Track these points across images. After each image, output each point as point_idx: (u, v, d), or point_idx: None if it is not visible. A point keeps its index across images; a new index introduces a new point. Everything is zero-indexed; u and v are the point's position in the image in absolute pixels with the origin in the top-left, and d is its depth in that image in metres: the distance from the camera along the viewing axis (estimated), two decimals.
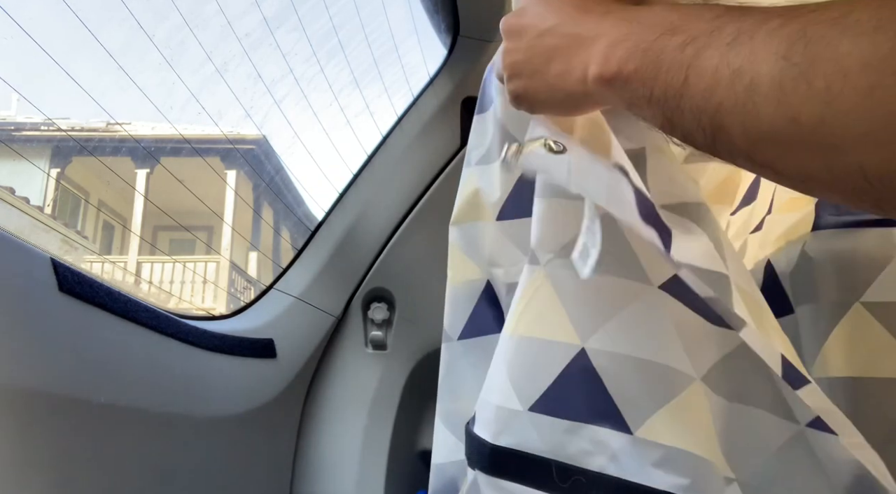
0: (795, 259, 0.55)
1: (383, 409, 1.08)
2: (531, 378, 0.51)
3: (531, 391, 0.50)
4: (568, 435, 0.48)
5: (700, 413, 0.46)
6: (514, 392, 0.51)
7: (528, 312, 0.52)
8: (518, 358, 0.52)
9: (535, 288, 0.52)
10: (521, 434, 0.50)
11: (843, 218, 0.52)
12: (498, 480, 0.51)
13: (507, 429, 0.51)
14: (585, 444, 0.48)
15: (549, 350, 0.50)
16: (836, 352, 0.50)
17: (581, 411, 0.48)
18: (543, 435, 0.49)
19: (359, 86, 1.29)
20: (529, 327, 0.52)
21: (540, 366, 0.50)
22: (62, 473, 0.56)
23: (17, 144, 3.20)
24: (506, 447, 0.51)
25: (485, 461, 0.52)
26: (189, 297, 4.88)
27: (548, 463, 0.49)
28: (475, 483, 0.53)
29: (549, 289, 0.51)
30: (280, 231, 4.51)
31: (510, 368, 0.52)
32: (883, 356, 0.48)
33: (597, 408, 0.48)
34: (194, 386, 0.78)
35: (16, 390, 0.52)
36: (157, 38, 1.34)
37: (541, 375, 0.50)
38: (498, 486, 0.51)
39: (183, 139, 3.16)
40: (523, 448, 0.50)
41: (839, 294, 0.51)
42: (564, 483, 0.48)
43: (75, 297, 0.59)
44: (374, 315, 1.10)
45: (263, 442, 0.94)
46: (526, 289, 0.53)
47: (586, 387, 0.48)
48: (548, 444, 0.49)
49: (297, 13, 1.16)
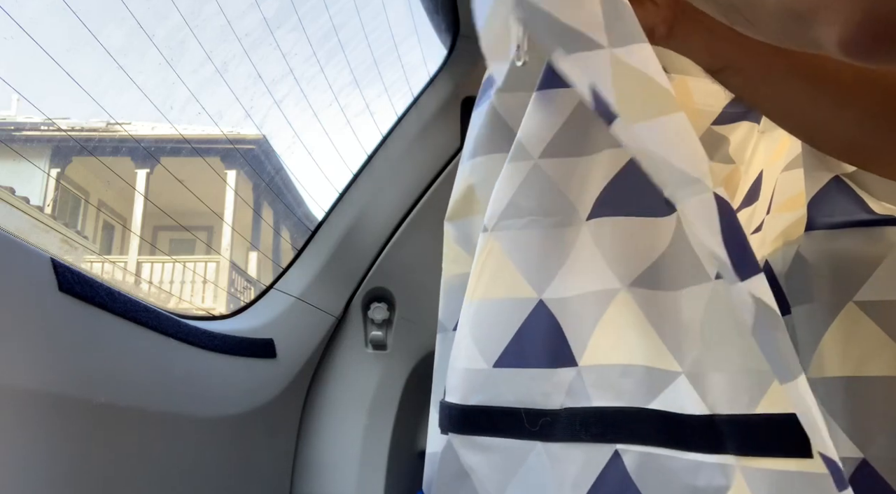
0: (791, 259, 0.55)
1: (383, 409, 1.08)
2: (493, 336, 0.53)
3: (494, 348, 0.53)
4: (532, 382, 0.51)
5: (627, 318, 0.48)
6: (478, 352, 0.53)
7: (483, 276, 0.55)
8: (479, 320, 0.54)
9: (486, 252, 0.55)
10: (489, 390, 0.53)
11: (835, 218, 0.53)
12: (471, 437, 0.53)
13: (475, 389, 0.53)
14: (547, 387, 0.51)
15: (507, 307, 0.53)
16: (831, 352, 0.50)
17: (542, 358, 0.51)
18: (510, 387, 0.52)
19: (359, 87, 1.29)
20: (486, 290, 0.55)
21: (500, 324, 0.53)
22: (62, 473, 0.56)
23: (17, 144, 3.20)
24: (476, 405, 0.53)
25: (456, 422, 0.54)
26: (189, 297, 4.88)
27: (517, 412, 0.51)
28: (449, 447, 0.55)
29: (499, 251, 0.54)
30: (280, 231, 4.52)
31: (472, 331, 0.54)
32: (877, 354, 0.49)
33: (555, 352, 0.51)
34: (194, 386, 0.78)
35: (16, 390, 0.52)
36: (157, 38, 1.34)
37: (502, 332, 0.53)
38: (472, 443, 0.53)
39: (183, 139, 3.16)
40: (493, 403, 0.52)
41: (833, 294, 0.51)
42: (534, 426, 0.50)
43: (75, 297, 0.59)
44: (374, 315, 1.10)
45: (263, 442, 0.94)
46: (479, 255, 0.55)
47: (547, 335, 0.51)
48: (515, 394, 0.52)
49: (297, 13, 1.17)
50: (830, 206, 0.53)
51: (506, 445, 0.51)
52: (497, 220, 0.54)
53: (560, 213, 0.53)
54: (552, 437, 0.50)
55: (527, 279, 0.53)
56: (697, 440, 0.42)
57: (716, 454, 0.41)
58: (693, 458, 0.42)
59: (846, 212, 0.52)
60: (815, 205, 0.54)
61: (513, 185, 0.54)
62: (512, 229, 0.54)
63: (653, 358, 0.46)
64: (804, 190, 0.57)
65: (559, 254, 0.53)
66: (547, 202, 0.53)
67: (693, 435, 0.43)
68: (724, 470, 0.41)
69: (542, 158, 0.53)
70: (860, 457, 0.47)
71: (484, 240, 0.55)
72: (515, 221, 0.54)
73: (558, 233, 0.53)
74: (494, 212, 0.55)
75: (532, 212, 0.53)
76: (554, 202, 0.53)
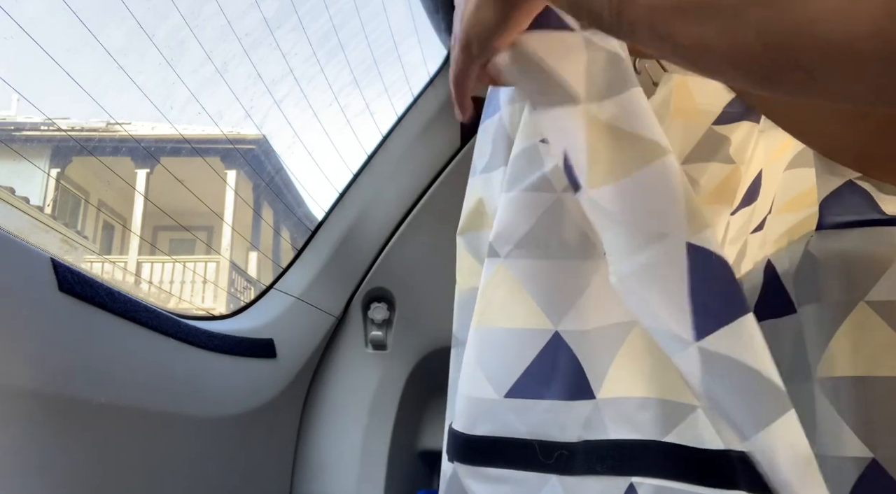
0: (798, 258, 0.55)
1: (383, 409, 1.08)
2: (504, 365, 0.52)
3: (505, 377, 0.52)
4: (548, 414, 0.50)
5: (643, 351, 0.48)
6: (486, 380, 0.53)
7: (493, 303, 0.54)
8: (488, 348, 0.54)
9: (498, 279, 0.54)
10: (498, 420, 0.52)
11: (847, 217, 0.53)
12: (478, 468, 0.52)
13: (482, 418, 0.52)
14: (564, 419, 0.50)
15: (520, 337, 0.52)
16: (841, 352, 0.50)
17: (559, 390, 0.50)
18: (523, 419, 0.51)
19: (359, 86, 1.29)
20: (497, 317, 0.54)
21: (512, 354, 0.52)
22: (62, 473, 0.56)
23: (17, 144, 3.20)
24: (483, 435, 0.52)
25: (461, 451, 0.54)
26: (189, 297, 4.88)
27: (531, 444, 0.50)
28: (455, 476, 0.54)
29: (513, 280, 0.53)
30: (280, 231, 4.52)
31: (479, 358, 0.54)
32: (888, 355, 0.48)
33: (573, 385, 0.50)
34: (194, 386, 0.78)
35: (16, 390, 0.52)
36: (157, 38, 1.34)
37: (514, 362, 0.52)
38: (478, 474, 0.52)
39: (183, 139, 3.16)
40: (502, 434, 0.51)
41: (843, 293, 0.51)
42: (549, 459, 0.50)
43: (75, 297, 0.58)
44: (374, 315, 1.10)
45: (263, 442, 0.94)
46: (488, 281, 0.55)
47: (564, 368, 0.51)
48: (528, 426, 0.51)
49: (297, 13, 1.16)
50: (841, 206, 0.53)
51: (517, 477, 0.50)
52: (512, 248, 0.54)
53: (579, 248, 0.52)
54: (568, 470, 0.49)
55: (542, 309, 0.52)
56: (713, 474, 0.42)
57: (729, 490, 0.41)
58: (708, 493, 0.42)
59: (857, 212, 0.52)
60: (826, 204, 0.54)
61: (534, 215, 0.53)
62: (529, 258, 0.53)
63: (669, 391, 0.46)
64: (809, 189, 0.57)
65: (576, 287, 0.52)
66: (567, 236, 0.52)
67: (709, 469, 0.43)
68: None
69: (565, 192, 0.52)
70: (870, 457, 0.47)
71: (494, 265, 0.55)
72: (533, 250, 0.53)
73: (576, 265, 0.52)
74: (509, 239, 0.54)
75: (550, 245, 0.53)
76: (574, 237, 0.52)
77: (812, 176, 0.57)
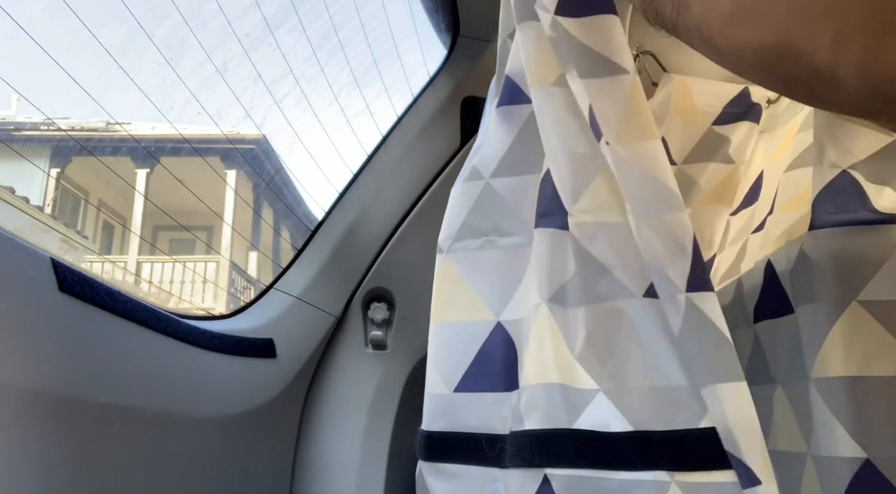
0: (794, 258, 0.55)
1: (383, 409, 1.08)
2: (452, 360, 0.52)
3: (455, 372, 0.52)
4: (493, 407, 0.50)
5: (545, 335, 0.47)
6: (439, 377, 0.53)
7: (440, 300, 0.55)
8: (438, 345, 0.54)
9: (442, 275, 0.55)
10: (451, 415, 0.52)
11: (839, 216, 0.53)
12: (437, 464, 0.52)
13: (438, 414, 0.53)
14: (505, 411, 0.50)
15: (465, 330, 0.53)
16: (835, 352, 0.50)
17: (500, 381, 0.50)
18: (472, 412, 0.51)
19: (359, 86, 1.29)
20: (444, 313, 0.54)
21: (459, 348, 0.52)
22: (62, 473, 0.56)
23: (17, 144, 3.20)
24: (439, 431, 0.52)
25: (423, 449, 0.54)
26: (189, 297, 4.88)
27: (478, 438, 0.50)
28: (420, 474, 0.54)
29: (455, 274, 0.54)
30: (280, 231, 4.51)
31: (434, 356, 0.54)
32: (881, 355, 0.48)
33: (511, 375, 0.50)
34: (194, 386, 0.78)
35: (16, 390, 0.52)
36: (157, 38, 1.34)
37: (461, 356, 0.52)
38: (437, 470, 0.52)
39: (183, 139, 3.16)
40: (455, 429, 0.51)
41: (837, 293, 0.51)
42: (493, 452, 0.50)
43: (75, 297, 0.58)
44: (374, 315, 1.10)
45: (263, 442, 0.94)
46: (436, 278, 0.55)
47: (504, 358, 0.51)
48: (476, 419, 0.51)
49: (297, 13, 1.16)
50: (835, 203, 0.53)
51: (468, 472, 0.50)
52: (452, 242, 0.54)
53: (515, 233, 0.52)
54: (504, 463, 0.48)
55: (484, 301, 0.52)
56: (628, 457, 0.41)
57: (649, 470, 0.40)
58: (625, 477, 0.41)
59: (850, 210, 0.52)
60: (820, 201, 0.54)
61: (465, 206, 0.53)
62: (467, 250, 0.53)
63: (568, 377, 0.45)
64: (807, 188, 0.57)
65: (516, 274, 0.51)
66: (501, 222, 0.52)
67: (622, 453, 0.42)
68: (659, 487, 0.40)
69: (494, 178, 0.52)
70: (864, 457, 0.47)
71: (440, 261, 0.55)
72: (471, 242, 0.53)
73: (515, 253, 0.52)
74: (449, 234, 0.54)
75: (487, 233, 0.52)
76: (508, 221, 0.52)
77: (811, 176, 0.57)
